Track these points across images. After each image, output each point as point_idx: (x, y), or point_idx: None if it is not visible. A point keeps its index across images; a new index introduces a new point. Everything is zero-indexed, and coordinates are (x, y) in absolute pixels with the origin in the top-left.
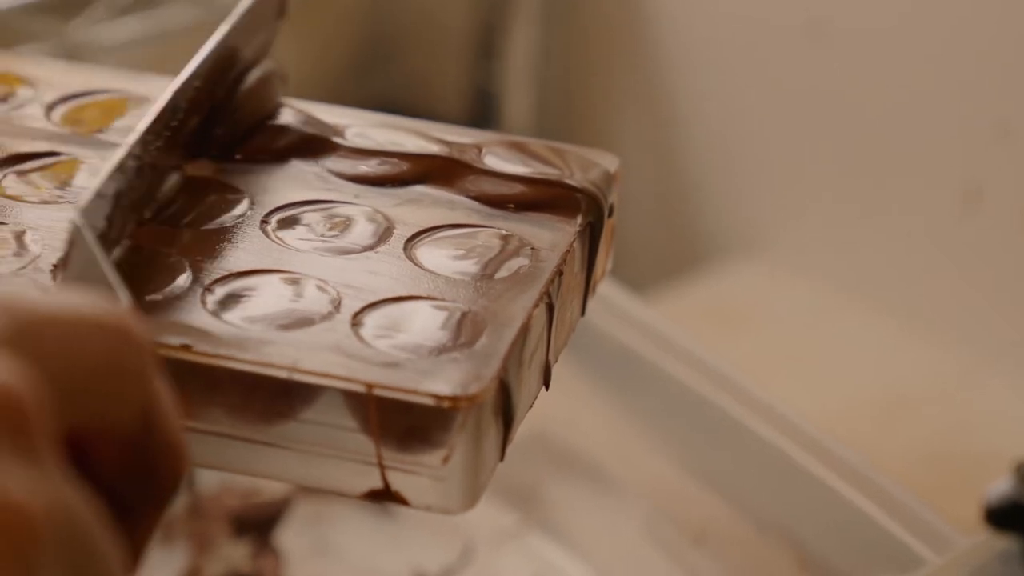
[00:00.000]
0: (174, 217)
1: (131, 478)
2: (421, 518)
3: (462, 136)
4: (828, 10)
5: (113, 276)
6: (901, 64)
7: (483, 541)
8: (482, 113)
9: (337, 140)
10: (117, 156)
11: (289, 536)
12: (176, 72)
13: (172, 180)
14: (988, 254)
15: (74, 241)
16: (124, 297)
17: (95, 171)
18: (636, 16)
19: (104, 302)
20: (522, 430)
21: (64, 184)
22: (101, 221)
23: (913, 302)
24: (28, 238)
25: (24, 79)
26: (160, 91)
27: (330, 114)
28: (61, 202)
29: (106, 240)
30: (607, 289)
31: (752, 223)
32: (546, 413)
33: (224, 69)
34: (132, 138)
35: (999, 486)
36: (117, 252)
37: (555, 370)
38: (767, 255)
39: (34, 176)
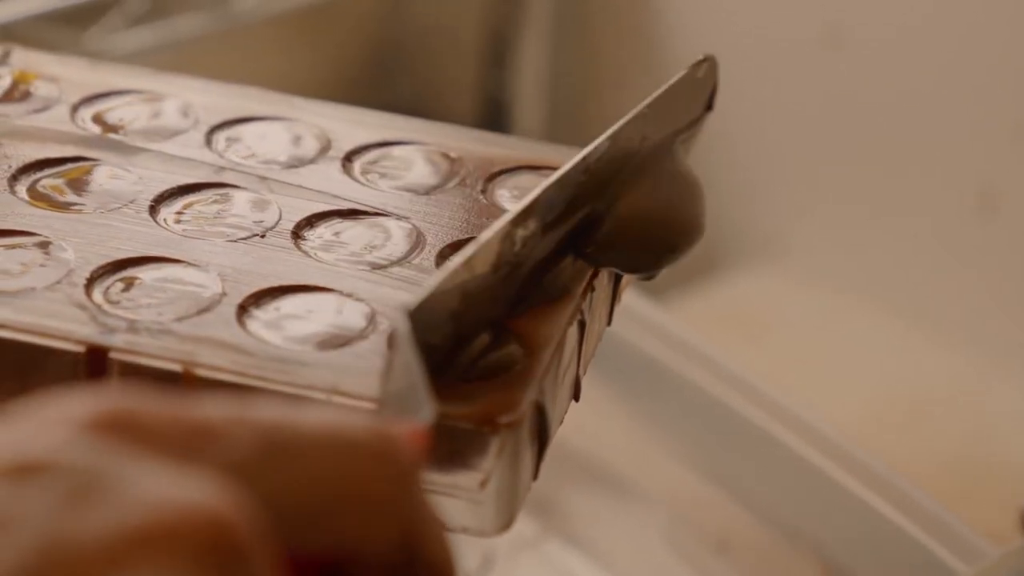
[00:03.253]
0: None
1: None
2: None
3: (488, 146)
4: (842, 16)
5: (423, 389)
6: (915, 68)
7: (503, 549)
8: (494, 120)
9: None
10: (467, 252)
11: None
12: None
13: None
14: (1004, 257)
15: (395, 345)
16: (426, 413)
17: (116, 175)
18: (647, 23)
19: (368, 421)
20: None
21: (86, 190)
22: (435, 327)
23: (930, 306)
24: (58, 249)
25: (45, 77)
26: (185, 90)
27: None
28: (86, 210)
29: (434, 349)
30: (625, 295)
31: (768, 228)
32: (565, 421)
33: (622, 160)
34: (492, 232)
35: None
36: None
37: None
38: (783, 260)
39: (60, 182)
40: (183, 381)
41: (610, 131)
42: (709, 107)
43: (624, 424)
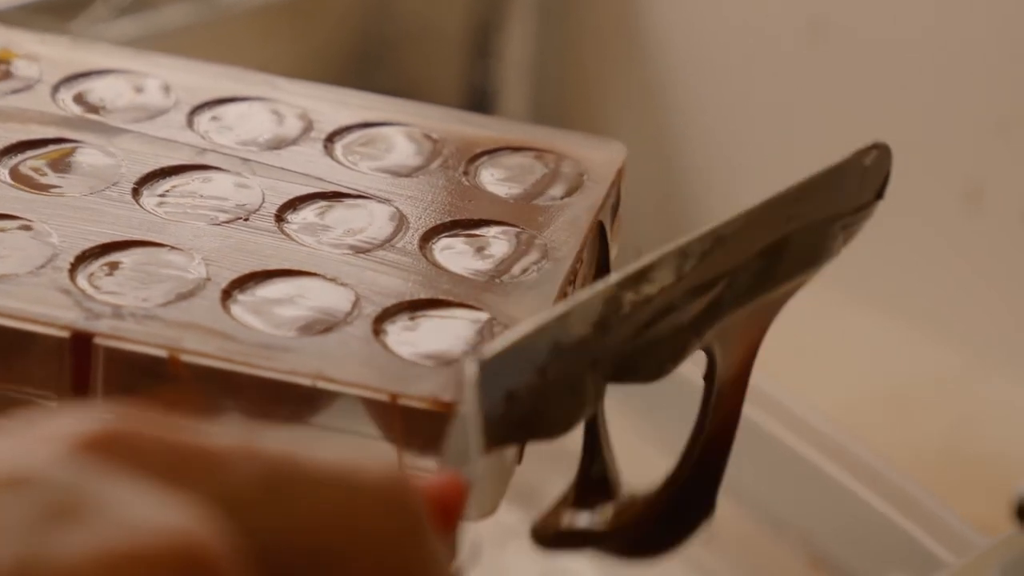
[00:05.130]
0: None
1: None
2: None
3: (464, 125)
4: (827, 10)
5: (476, 443)
6: (899, 62)
7: (490, 540)
8: (478, 111)
9: None
10: (563, 307)
11: None
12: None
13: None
14: (990, 251)
15: (460, 392)
16: (474, 469)
17: (97, 156)
18: (633, 14)
19: (382, 464)
20: None
21: (69, 172)
22: (515, 377)
23: (916, 298)
24: (41, 233)
25: (25, 56)
26: (167, 69)
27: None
28: (69, 193)
29: (515, 399)
30: None
31: None
32: None
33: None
34: (595, 290)
35: None
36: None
37: None
38: None
39: (42, 164)
40: (168, 366)
41: (750, 207)
42: (879, 196)
43: (610, 414)
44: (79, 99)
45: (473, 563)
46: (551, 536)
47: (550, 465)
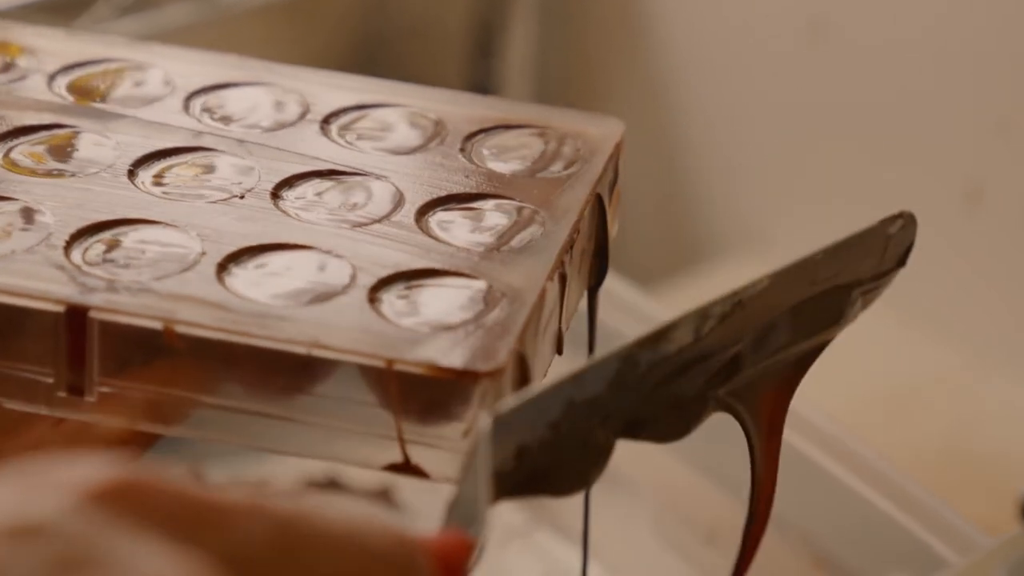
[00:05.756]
0: None
1: None
2: (429, 515)
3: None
4: (827, 9)
5: (484, 502)
6: (899, 61)
7: (492, 540)
8: None
9: None
10: (580, 367)
11: None
12: None
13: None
14: (990, 250)
15: (473, 445)
16: (478, 529)
17: (93, 141)
18: (634, 13)
19: (392, 528)
20: None
21: (65, 156)
22: (529, 432)
23: (917, 299)
24: (37, 213)
25: (24, 48)
26: (162, 57)
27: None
28: (65, 175)
29: (528, 453)
30: (612, 284)
31: (753, 220)
32: None
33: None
34: (614, 350)
35: None
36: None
37: (559, 366)
38: (768, 252)
39: (38, 149)
40: (164, 338)
41: (774, 271)
42: (901, 263)
43: None
44: (74, 87)
45: (476, 562)
46: None
47: None
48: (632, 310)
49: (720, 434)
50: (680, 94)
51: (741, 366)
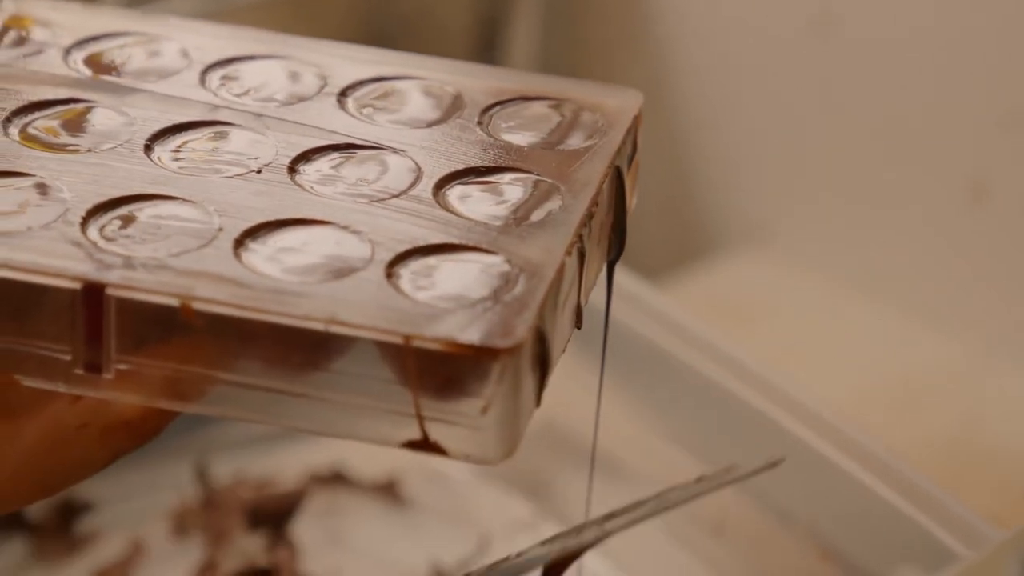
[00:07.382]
0: None
1: None
2: (436, 508)
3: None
4: (833, 3)
5: None
6: (905, 56)
7: (499, 532)
8: None
9: None
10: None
11: (304, 528)
12: None
13: None
14: (995, 245)
15: None
16: None
17: (110, 115)
18: (638, 9)
19: None
20: (535, 420)
21: (81, 131)
22: None
23: (922, 292)
24: (53, 189)
25: (39, 21)
26: (178, 31)
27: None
28: (81, 150)
29: None
30: (617, 276)
31: (759, 214)
32: (560, 402)
33: None
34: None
35: None
36: None
37: (566, 359)
38: (774, 246)
39: (54, 124)
40: (181, 315)
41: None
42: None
43: (620, 407)
44: (90, 61)
45: (483, 555)
46: None
47: (559, 459)
48: (637, 302)
49: (727, 427)
50: (684, 89)
51: None
